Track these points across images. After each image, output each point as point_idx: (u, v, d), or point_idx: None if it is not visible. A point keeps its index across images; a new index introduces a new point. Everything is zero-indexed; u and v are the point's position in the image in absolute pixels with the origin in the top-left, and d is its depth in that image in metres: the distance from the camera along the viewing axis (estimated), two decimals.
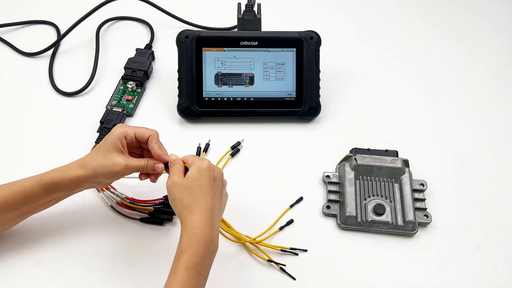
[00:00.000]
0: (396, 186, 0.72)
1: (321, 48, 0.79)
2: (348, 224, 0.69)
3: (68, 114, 0.82)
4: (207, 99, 0.79)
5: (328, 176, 0.73)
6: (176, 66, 0.79)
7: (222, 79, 0.79)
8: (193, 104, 0.79)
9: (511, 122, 0.84)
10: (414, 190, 0.71)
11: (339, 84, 0.88)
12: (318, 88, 0.80)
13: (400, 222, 0.68)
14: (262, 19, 0.80)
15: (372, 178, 0.72)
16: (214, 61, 0.79)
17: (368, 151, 0.74)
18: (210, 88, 0.79)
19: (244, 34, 0.79)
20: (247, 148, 0.79)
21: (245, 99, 0.80)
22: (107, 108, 0.81)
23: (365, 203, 0.70)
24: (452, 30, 1.00)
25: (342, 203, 0.70)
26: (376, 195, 0.71)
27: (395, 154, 0.74)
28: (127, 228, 0.68)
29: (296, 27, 0.91)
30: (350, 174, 0.72)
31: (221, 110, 0.80)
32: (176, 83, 0.79)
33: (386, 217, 0.68)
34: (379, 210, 0.68)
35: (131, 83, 0.84)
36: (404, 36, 0.98)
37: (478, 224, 0.71)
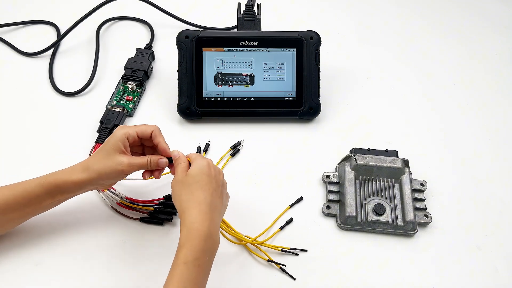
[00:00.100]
0: (396, 186, 0.72)
1: (321, 48, 0.79)
2: (348, 224, 0.69)
3: (68, 114, 0.82)
4: (207, 99, 0.79)
5: (328, 176, 0.73)
6: (176, 66, 0.79)
7: (222, 79, 0.79)
8: (193, 104, 0.79)
9: (511, 122, 0.84)
10: (414, 190, 0.71)
11: (339, 84, 0.88)
12: (318, 88, 0.80)
13: (400, 222, 0.68)
14: (262, 19, 0.80)
15: (372, 178, 0.72)
16: (214, 61, 0.79)
17: (368, 151, 0.74)
18: (210, 88, 0.79)
19: (244, 34, 0.79)
20: (247, 148, 0.79)
21: (245, 99, 0.80)
22: (107, 108, 0.81)
23: (365, 203, 0.70)
24: (452, 30, 1.00)
25: (342, 203, 0.70)
26: (376, 195, 0.71)
27: (395, 154, 0.74)
28: (127, 228, 0.68)
29: (296, 27, 0.91)
30: (350, 174, 0.72)
31: (221, 110, 0.80)
32: (176, 83, 0.79)
33: (386, 217, 0.68)
34: (379, 210, 0.68)
35: (131, 83, 0.84)
36: (404, 36, 0.98)
37: (478, 224, 0.71)
